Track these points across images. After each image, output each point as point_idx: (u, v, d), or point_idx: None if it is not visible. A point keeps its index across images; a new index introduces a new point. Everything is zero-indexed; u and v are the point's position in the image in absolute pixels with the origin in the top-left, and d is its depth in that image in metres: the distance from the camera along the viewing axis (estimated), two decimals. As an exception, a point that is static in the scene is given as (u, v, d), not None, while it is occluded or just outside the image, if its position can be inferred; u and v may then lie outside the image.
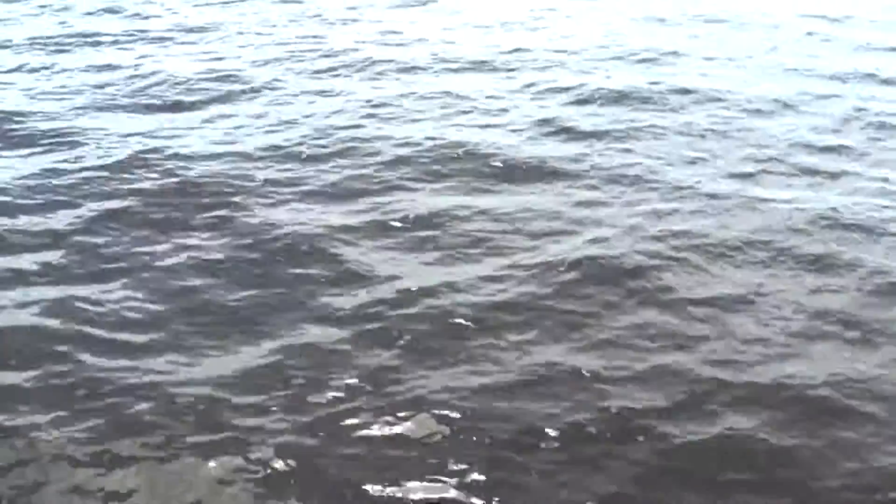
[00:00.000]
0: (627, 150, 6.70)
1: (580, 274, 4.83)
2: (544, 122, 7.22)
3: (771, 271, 4.95)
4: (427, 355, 4.15)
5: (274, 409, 3.79)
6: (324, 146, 6.68)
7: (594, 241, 5.23)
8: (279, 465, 3.48)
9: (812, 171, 6.40)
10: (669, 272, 4.87)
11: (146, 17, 10.93)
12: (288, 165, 6.34)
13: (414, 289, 4.67)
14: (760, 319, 4.50)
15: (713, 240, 5.25)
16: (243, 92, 8.00)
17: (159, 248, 5.10)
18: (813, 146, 6.89)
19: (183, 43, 9.77)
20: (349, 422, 3.72)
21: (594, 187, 6.03)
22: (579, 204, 5.76)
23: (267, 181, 6.05)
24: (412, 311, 4.49)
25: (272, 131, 7.02)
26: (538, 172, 6.24)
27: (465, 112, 7.49)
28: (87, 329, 4.32)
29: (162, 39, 9.89)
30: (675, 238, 5.26)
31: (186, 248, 5.11)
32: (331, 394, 3.89)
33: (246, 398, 3.85)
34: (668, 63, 9.24)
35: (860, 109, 7.75)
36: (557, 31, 10.58)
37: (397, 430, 3.68)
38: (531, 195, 5.90)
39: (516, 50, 9.58)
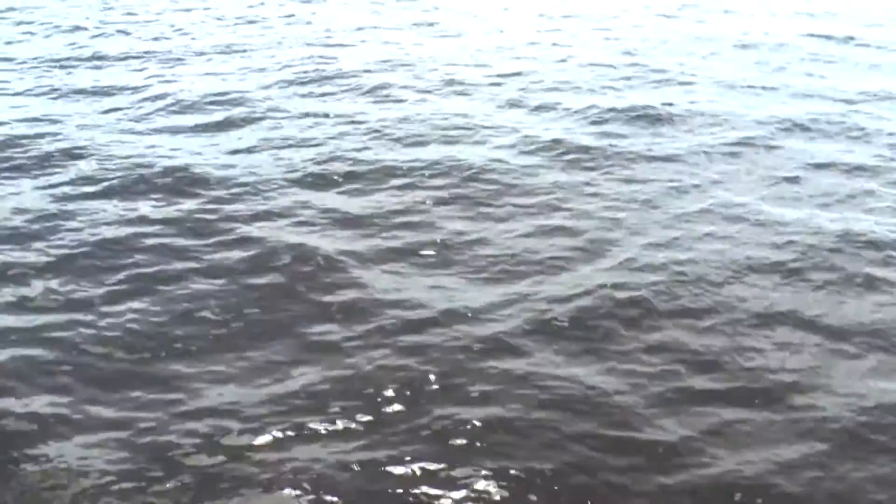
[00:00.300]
0: (638, 173, 6.67)
1: (596, 298, 4.77)
2: (554, 143, 7.19)
3: (789, 293, 4.90)
4: (445, 379, 4.10)
5: (298, 433, 3.73)
6: (332, 169, 6.65)
7: (609, 265, 5.19)
8: (305, 493, 3.42)
9: (826, 192, 6.37)
10: (688, 296, 4.81)
11: (156, 39, 10.98)
12: (295, 189, 6.29)
13: (428, 313, 4.62)
14: (780, 343, 4.44)
15: (729, 262, 5.21)
16: (251, 114, 7.99)
17: (168, 272, 5.04)
18: (826, 166, 6.87)
19: (191, 64, 9.80)
20: (369, 445, 3.67)
21: (607, 209, 5.99)
22: (592, 228, 5.71)
23: (275, 205, 6.01)
24: (425, 336, 4.44)
25: (279, 154, 6.99)
26: (550, 195, 6.19)
27: (473, 134, 7.45)
28: (93, 357, 4.25)
29: (170, 60, 9.91)
30: (691, 262, 5.21)
31: (196, 272, 5.06)
32: (348, 416, 3.84)
33: (270, 424, 3.79)
34: (676, 84, 9.25)
35: (872, 130, 7.74)
36: (563, 52, 10.61)
37: (423, 451, 3.63)
38: (543, 218, 5.85)
39: (523, 72, 9.60)
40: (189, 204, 5.98)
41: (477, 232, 5.62)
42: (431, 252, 5.34)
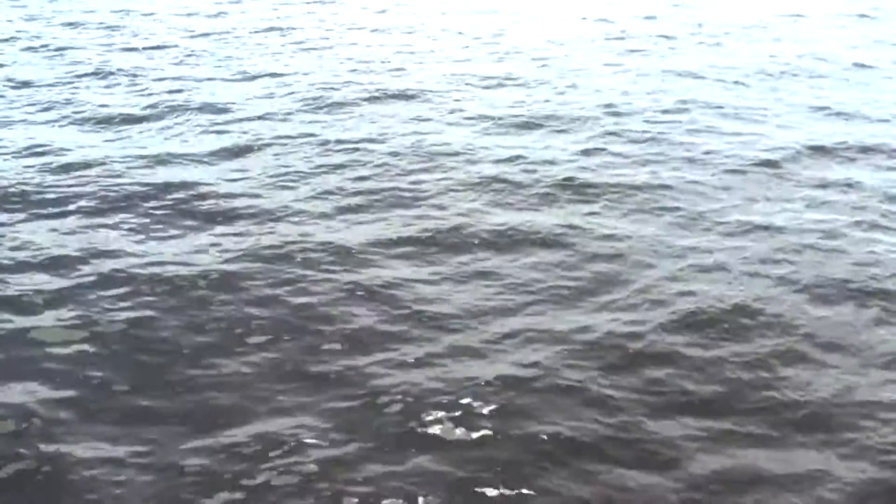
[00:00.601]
0: (650, 201, 6.59)
1: (613, 328, 4.68)
2: (562, 172, 7.10)
3: (808, 318, 4.81)
4: (460, 412, 4.00)
5: (329, 461, 3.63)
6: (339, 198, 6.55)
7: (623, 296, 5.10)
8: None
9: (841, 214, 6.29)
10: (707, 326, 4.73)
11: (172, 65, 10.97)
12: (302, 218, 6.17)
13: (440, 344, 4.53)
14: (805, 370, 4.34)
15: (745, 289, 5.12)
16: (257, 141, 7.92)
17: (184, 303, 4.94)
18: (838, 190, 6.80)
19: (199, 91, 9.78)
20: (390, 472, 3.57)
21: (620, 237, 5.90)
22: (604, 257, 5.63)
23: (282, 233, 5.90)
24: (438, 369, 4.35)
25: (285, 182, 6.90)
26: (557, 226, 6.07)
27: (478, 164, 7.30)
28: (115, 392, 4.15)
29: (177, 86, 9.90)
30: (707, 289, 5.12)
31: (208, 302, 4.97)
32: (372, 445, 3.74)
33: (301, 452, 3.69)
34: (683, 111, 9.23)
35: (886, 151, 7.69)
36: (570, 79, 10.59)
37: (442, 482, 3.53)
38: (551, 249, 5.74)
39: (528, 100, 9.57)
40: (201, 233, 5.90)
41: (486, 261, 5.53)
42: (440, 284, 5.25)
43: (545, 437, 3.83)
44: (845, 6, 17.53)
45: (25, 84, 9.90)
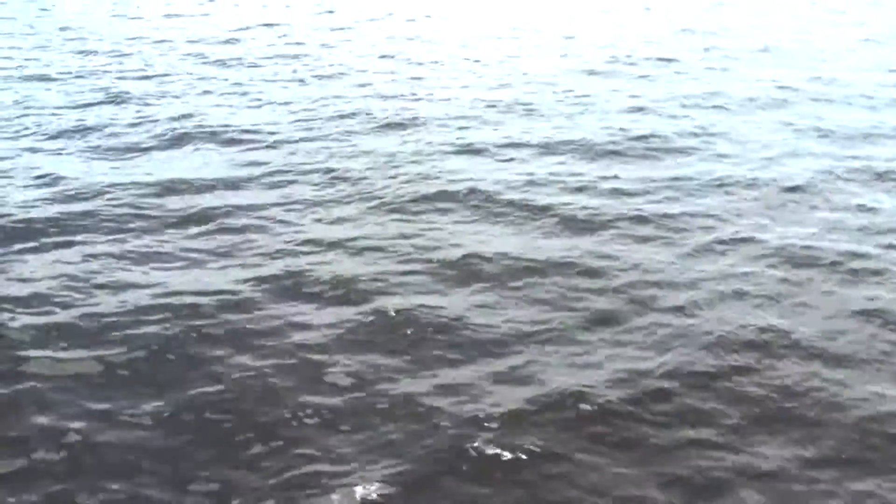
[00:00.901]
0: (660, 232, 6.54)
1: (637, 370, 4.62)
2: (570, 206, 7.02)
3: (836, 350, 4.74)
4: (466, 454, 3.94)
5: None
6: (340, 232, 6.54)
7: (636, 331, 5.04)
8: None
9: (849, 247, 6.24)
10: (722, 361, 4.68)
11: (174, 92, 11.04)
12: (304, 249, 6.11)
13: (449, 380, 4.48)
14: (836, 396, 4.28)
15: (763, 322, 5.05)
16: (264, 169, 7.93)
17: (203, 342, 4.84)
18: (846, 215, 6.75)
19: (205, 118, 9.82)
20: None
21: (630, 270, 5.85)
22: (614, 291, 5.58)
23: (298, 265, 5.87)
24: (450, 402, 4.29)
25: (290, 208, 6.87)
26: (569, 259, 5.98)
27: (484, 199, 7.14)
28: (141, 428, 4.08)
29: (185, 110, 9.95)
30: (720, 323, 5.07)
31: (233, 334, 4.91)
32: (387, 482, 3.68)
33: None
34: (691, 136, 9.22)
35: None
36: (578, 107, 10.61)
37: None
38: (560, 284, 5.68)
39: (537, 128, 9.58)
40: (210, 262, 5.86)
41: (500, 289, 5.48)
42: (454, 312, 5.18)
43: (571, 462, 3.78)
44: (851, 31, 17.61)
45: (35, 111, 9.95)
